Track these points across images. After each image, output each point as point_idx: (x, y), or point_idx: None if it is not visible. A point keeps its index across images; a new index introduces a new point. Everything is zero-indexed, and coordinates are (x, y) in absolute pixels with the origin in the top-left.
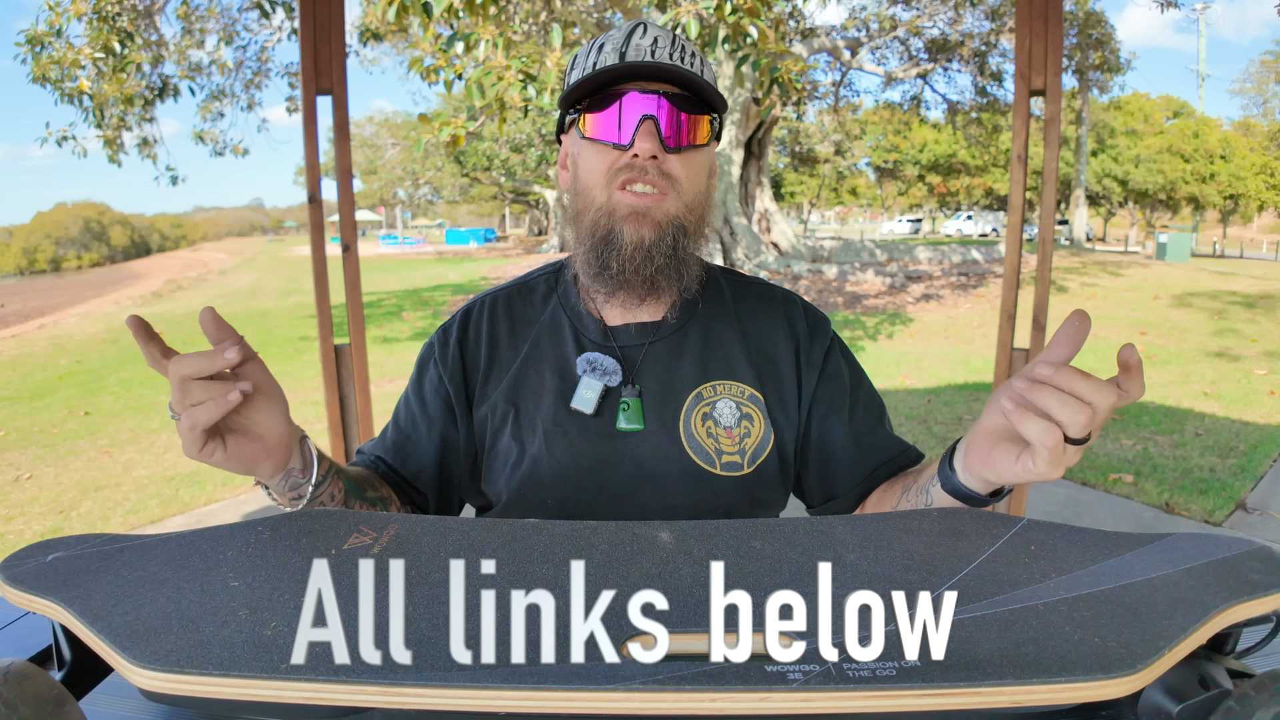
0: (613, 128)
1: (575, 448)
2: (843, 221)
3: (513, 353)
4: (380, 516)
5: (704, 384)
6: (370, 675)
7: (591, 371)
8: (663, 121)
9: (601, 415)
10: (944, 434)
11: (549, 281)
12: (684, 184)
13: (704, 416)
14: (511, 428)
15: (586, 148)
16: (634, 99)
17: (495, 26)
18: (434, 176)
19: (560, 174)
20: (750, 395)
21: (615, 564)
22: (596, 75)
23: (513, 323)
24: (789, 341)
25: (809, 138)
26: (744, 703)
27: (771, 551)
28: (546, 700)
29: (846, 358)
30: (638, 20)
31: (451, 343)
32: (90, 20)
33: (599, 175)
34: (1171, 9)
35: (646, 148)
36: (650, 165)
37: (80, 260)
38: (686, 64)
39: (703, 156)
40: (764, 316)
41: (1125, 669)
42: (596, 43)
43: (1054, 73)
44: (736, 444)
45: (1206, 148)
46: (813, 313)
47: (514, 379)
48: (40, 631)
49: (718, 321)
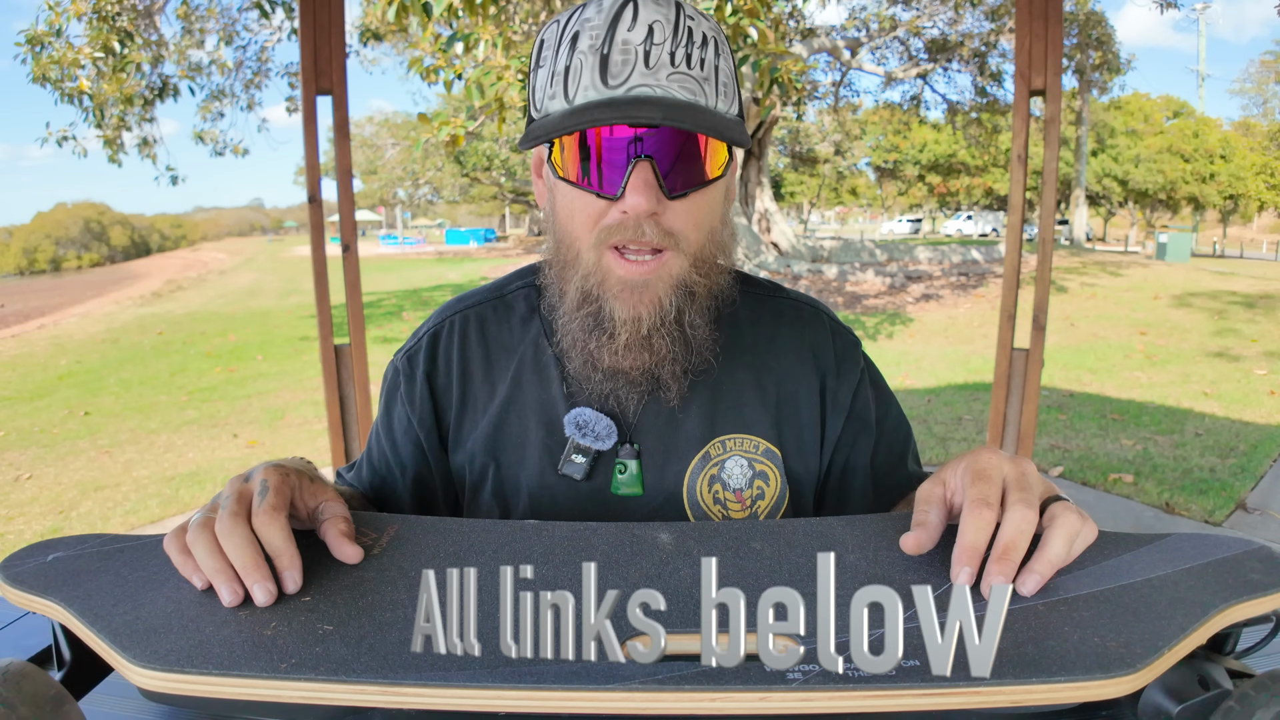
0: (594, 170)
1: (564, 516)
2: (843, 221)
3: (489, 389)
4: (381, 517)
5: (712, 441)
6: (371, 675)
7: (581, 434)
8: (662, 161)
9: (594, 478)
10: (944, 434)
11: (529, 299)
12: (690, 235)
13: (711, 480)
14: (493, 484)
15: (565, 187)
16: (624, 131)
17: (495, 26)
18: (434, 176)
19: (535, 184)
20: (765, 450)
21: (615, 564)
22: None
23: (487, 349)
24: (814, 378)
25: (809, 138)
26: (743, 703)
27: (771, 552)
28: (546, 700)
29: (876, 387)
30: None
31: (419, 377)
32: (90, 20)
33: (583, 227)
34: (1171, 9)
35: (640, 205)
36: (647, 224)
37: (80, 260)
38: (693, 64)
39: (716, 190)
40: (785, 345)
41: (1125, 669)
42: (569, 30)
43: (1054, 73)
44: (747, 507)
45: (1206, 148)
46: (841, 339)
47: (494, 426)
48: (40, 631)
49: (730, 358)
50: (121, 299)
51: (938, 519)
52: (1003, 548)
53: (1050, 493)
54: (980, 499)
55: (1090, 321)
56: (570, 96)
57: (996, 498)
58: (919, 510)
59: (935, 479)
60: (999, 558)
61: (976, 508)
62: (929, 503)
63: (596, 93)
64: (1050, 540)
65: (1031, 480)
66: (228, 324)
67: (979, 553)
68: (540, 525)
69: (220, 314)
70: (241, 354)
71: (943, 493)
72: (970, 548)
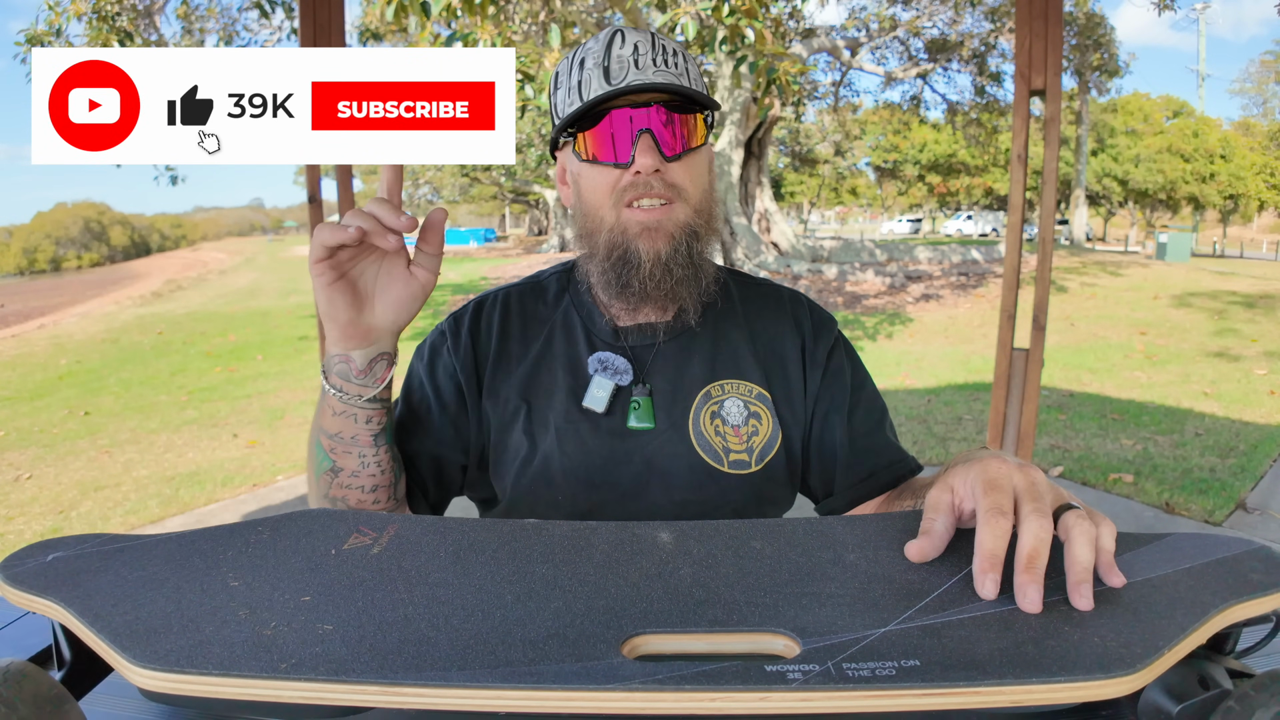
0: (609, 147)
1: (587, 445)
2: (843, 221)
3: (523, 348)
4: (380, 516)
5: (712, 383)
6: (370, 675)
7: (603, 371)
8: (658, 132)
9: (613, 414)
10: (944, 434)
11: (561, 281)
12: (689, 189)
13: (712, 415)
14: (523, 423)
15: (587, 169)
16: (626, 114)
17: (494, 26)
18: (434, 176)
19: (561, 190)
20: (758, 394)
21: (615, 564)
22: (587, 105)
23: (524, 319)
24: (795, 339)
25: (809, 138)
26: (743, 703)
27: (771, 552)
28: (546, 700)
29: (850, 358)
30: (612, 28)
31: (464, 332)
32: (90, 20)
33: (604, 195)
34: (1169, 10)
35: (648, 163)
36: (654, 179)
37: (80, 260)
38: (670, 66)
39: (702, 156)
40: (770, 316)
41: (1125, 669)
42: (576, 58)
43: (1054, 73)
44: (744, 442)
45: (1206, 148)
46: (818, 312)
47: (527, 374)
48: (40, 631)
49: (726, 322)
50: (121, 299)
51: (944, 527)
52: (1026, 558)
53: (1060, 499)
54: (995, 508)
55: (1090, 321)
56: (584, 98)
57: (1010, 507)
58: (926, 517)
59: (943, 485)
60: (1025, 568)
61: (992, 517)
62: (936, 510)
63: (604, 89)
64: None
65: (1042, 489)
66: (228, 324)
67: (1000, 560)
68: (540, 525)
69: (220, 314)
70: (241, 354)
71: (950, 500)
72: (991, 556)
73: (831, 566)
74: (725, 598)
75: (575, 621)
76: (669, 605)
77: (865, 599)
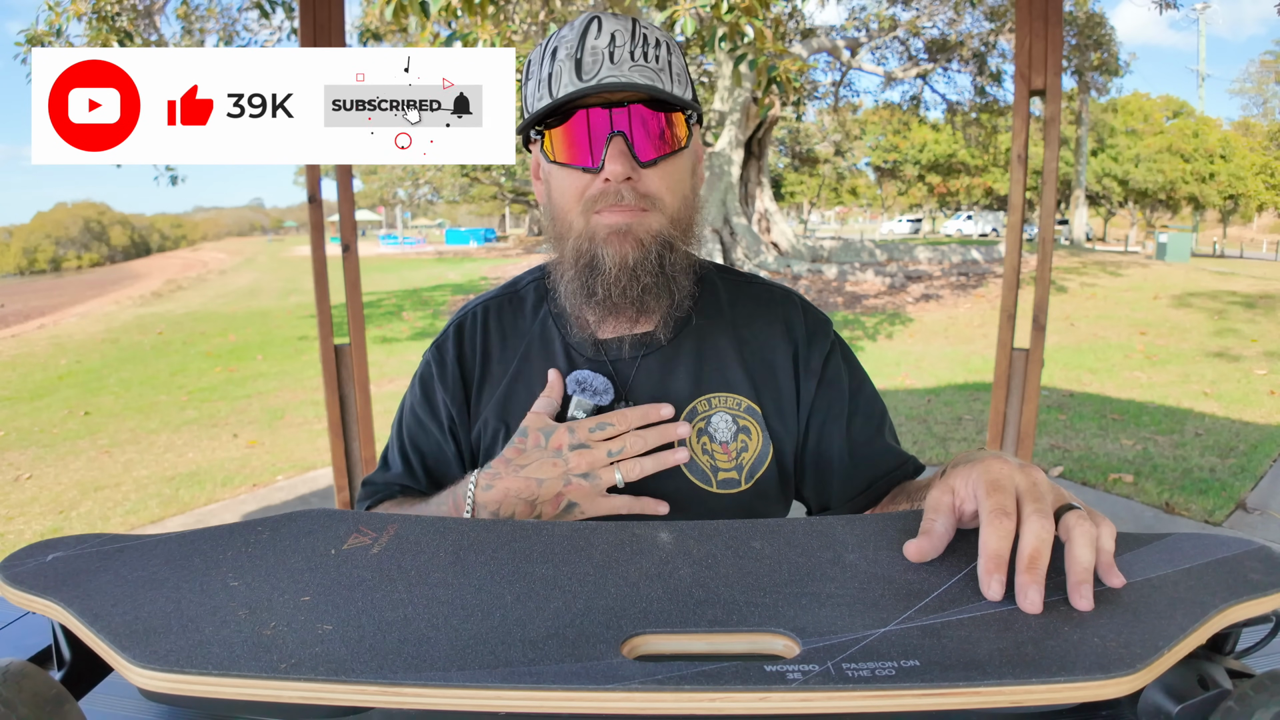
0: (578, 149)
1: None
2: (843, 221)
3: (503, 367)
4: (380, 517)
5: (698, 398)
6: (370, 675)
7: (581, 391)
8: (633, 135)
9: None
10: (944, 434)
11: (539, 290)
12: (665, 198)
13: (699, 432)
14: (502, 445)
15: (556, 170)
16: (599, 114)
17: (493, 26)
18: (434, 176)
19: (535, 185)
20: (747, 407)
21: (615, 564)
22: (556, 103)
23: (504, 334)
24: (787, 346)
25: (809, 138)
26: (743, 703)
27: (771, 552)
28: (546, 700)
29: (848, 361)
30: (590, 14)
31: (449, 361)
32: (90, 20)
33: (572, 200)
34: (1170, 9)
35: (618, 170)
36: (625, 188)
37: (80, 260)
38: (650, 60)
39: (682, 161)
40: (761, 320)
41: (1125, 669)
42: (548, 47)
43: (1054, 73)
44: (733, 459)
45: (1206, 148)
46: (812, 314)
47: (504, 394)
48: (40, 631)
49: (712, 329)
50: (121, 299)
51: (944, 528)
52: (1028, 558)
53: (1061, 500)
54: (999, 509)
55: (1090, 321)
56: (554, 95)
57: (1013, 507)
58: (926, 518)
59: (944, 486)
60: (1026, 568)
61: (996, 517)
62: (937, 511)
63: (574, 86)
64: (1075, 553)
65: (1043, 489)
66: (228, 324)
67: (1004, 561)
68: (540, 525)
69: (220, 314)
70: (241, 354)
71: (951, 501)
72: (995, 556)
73: (831, 566)
74: (725, 598)
75: (575, 621)
76: (669, 605)
77: (865, 599)
